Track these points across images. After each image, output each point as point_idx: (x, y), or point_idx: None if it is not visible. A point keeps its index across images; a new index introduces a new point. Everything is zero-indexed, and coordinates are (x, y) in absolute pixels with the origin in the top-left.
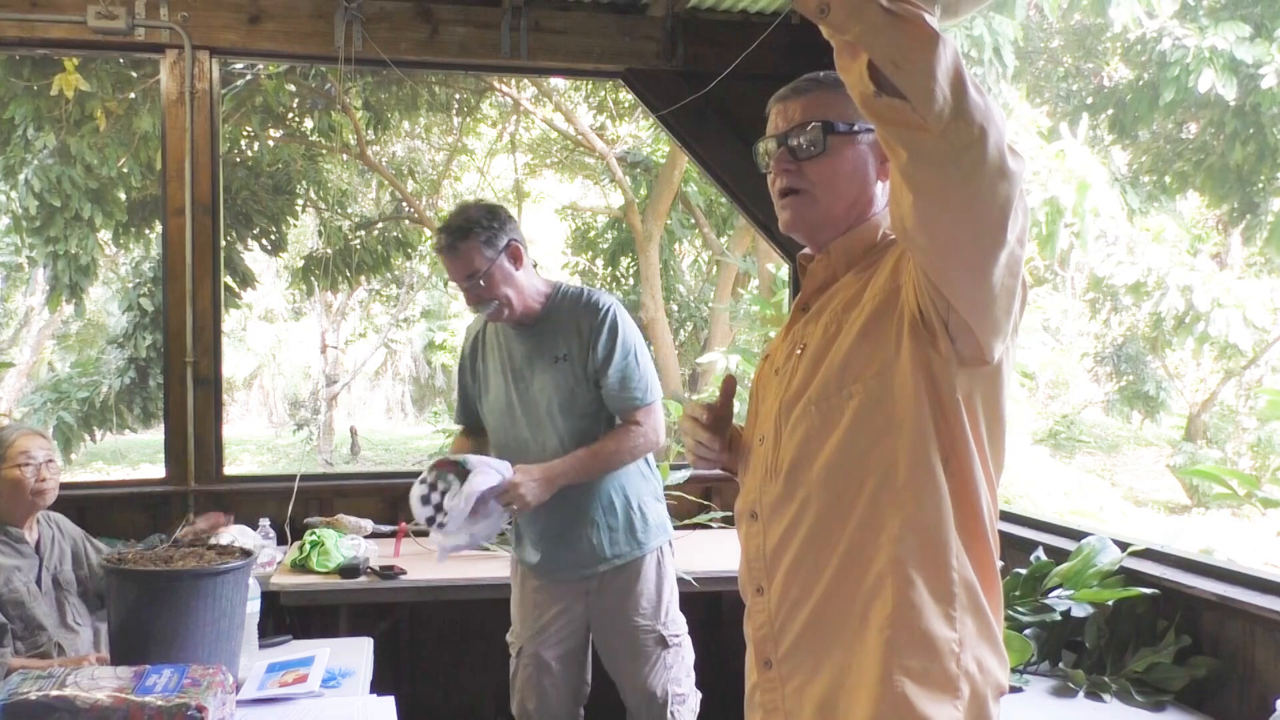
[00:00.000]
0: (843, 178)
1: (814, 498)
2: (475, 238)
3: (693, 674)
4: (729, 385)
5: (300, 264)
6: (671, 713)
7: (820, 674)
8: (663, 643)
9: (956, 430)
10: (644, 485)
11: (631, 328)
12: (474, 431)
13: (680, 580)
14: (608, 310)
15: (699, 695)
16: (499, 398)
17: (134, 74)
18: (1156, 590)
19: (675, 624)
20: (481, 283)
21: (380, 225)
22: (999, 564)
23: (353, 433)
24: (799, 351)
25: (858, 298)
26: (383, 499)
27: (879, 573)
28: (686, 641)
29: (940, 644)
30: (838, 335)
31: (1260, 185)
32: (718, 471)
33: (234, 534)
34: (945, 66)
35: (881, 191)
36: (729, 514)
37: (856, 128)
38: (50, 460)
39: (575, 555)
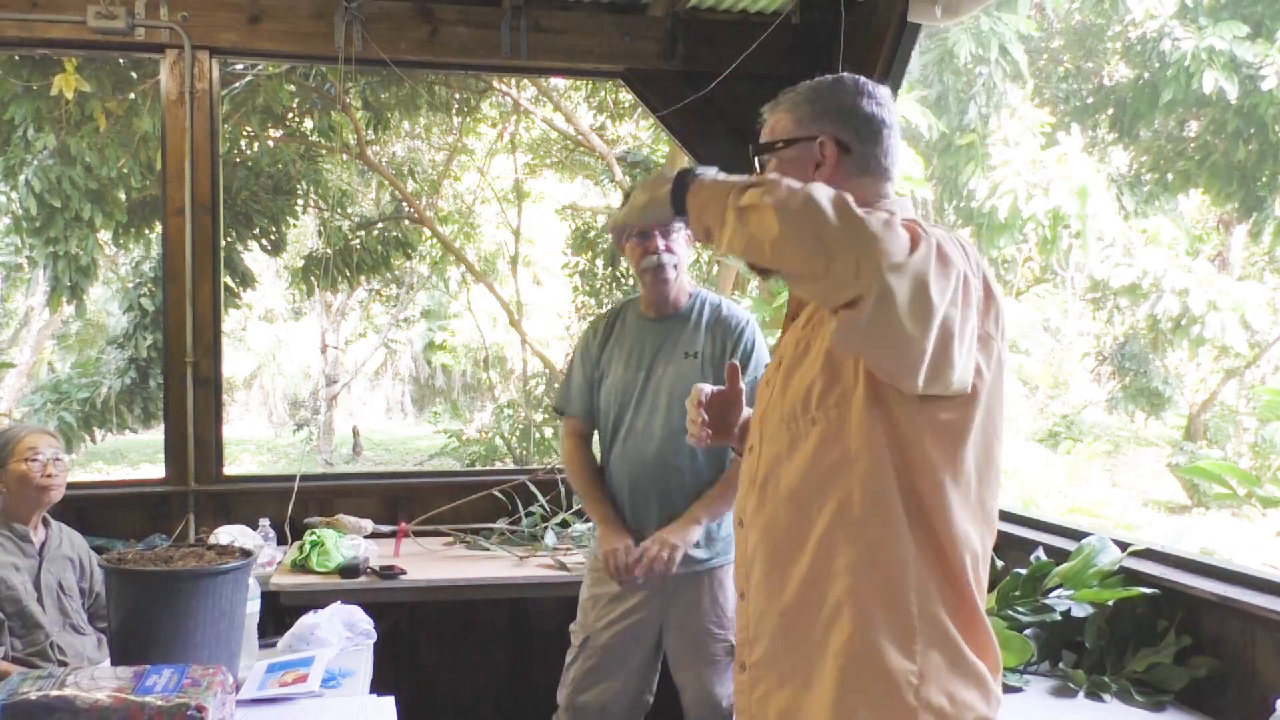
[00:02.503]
0: None
1: (780, 514)
2: None
3: None
4: (731, 372)
5: (300, 264)
6: None
7: (784, 687)
8: (731, 653)
9: (918, 466)
10: None
11: (764, 345)
12: (586, 419)
13: None
14: (749, 323)
15: None
16: (617, 382)
17: (134, 74)
18: (1156, 590)
19: None
20: (674, 233)
21: (380, 225)
22: (998, 563)
23: (355, 433)
24: (779, 365)
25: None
26: (383, 499)
27: (837, 600)
28: None
29: (897, 676)
30: (807, 353)
31: (1264, 181)
32: None
33: (234, 534)
34: (794, 222)
35: None
36: None
37: (779, 145)
38: (57, 458)
39: None
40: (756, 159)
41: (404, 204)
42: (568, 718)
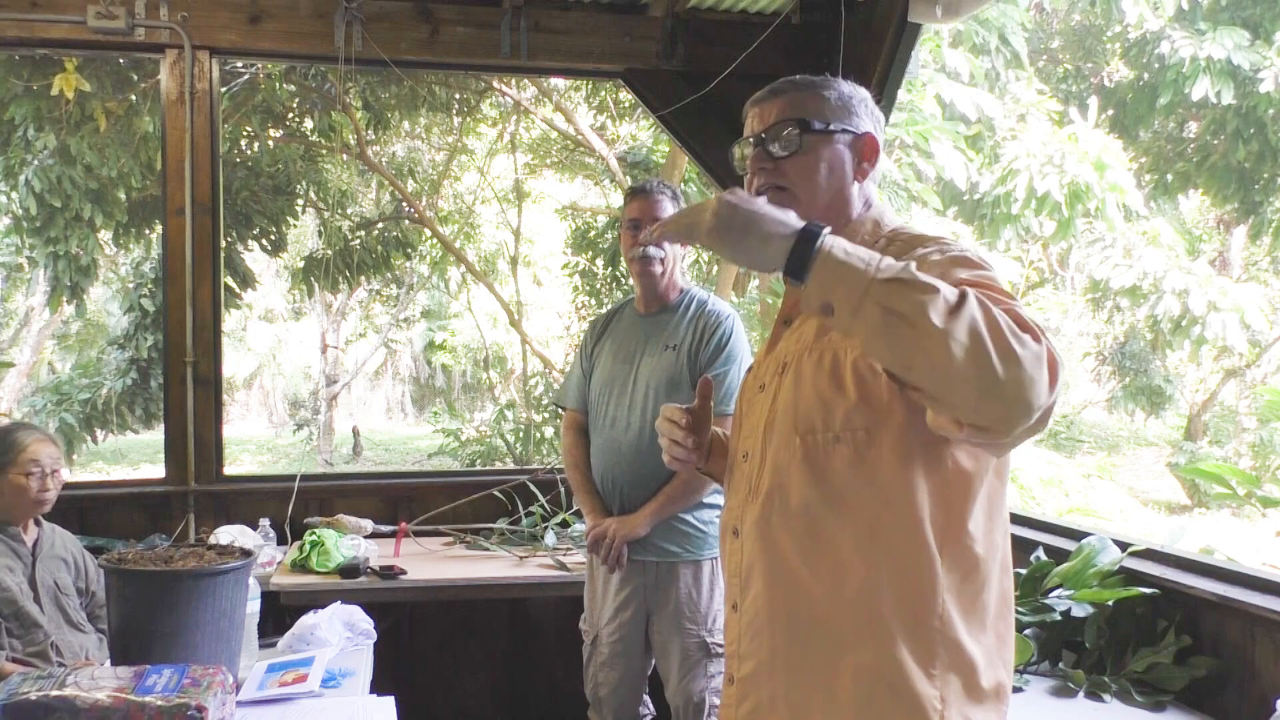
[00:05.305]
0: (820, 175)
1: (791, 530)
2: (666, 193)
3: None
4: (705, 387)
5: (300, 264)
6: None
7: (778, 707)
8: (705, 650)
9: (956, 490)
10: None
11: (742, 342)
12: (583, 411)
13: None
14: (729, 318)
15: None
16: (605, 374)
17: (134, 74)
18: (1156, 590)
19: (721, 635)
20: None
21: (380, 225)
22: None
23: (355, 433)
24: (782, 371)
25: None
26: (383, 499)
27: (857, 623)
28: None
29: (923, 701)
30: (821, 364)
31: (1263, 183)
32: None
33: (234, 534)
34: (961, 357)
35: (858, 193)
36: None
37: (833, 127)
38: (56, 470)
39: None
40: (784, 135)
41: (404, 204)
42: (594, 712)
